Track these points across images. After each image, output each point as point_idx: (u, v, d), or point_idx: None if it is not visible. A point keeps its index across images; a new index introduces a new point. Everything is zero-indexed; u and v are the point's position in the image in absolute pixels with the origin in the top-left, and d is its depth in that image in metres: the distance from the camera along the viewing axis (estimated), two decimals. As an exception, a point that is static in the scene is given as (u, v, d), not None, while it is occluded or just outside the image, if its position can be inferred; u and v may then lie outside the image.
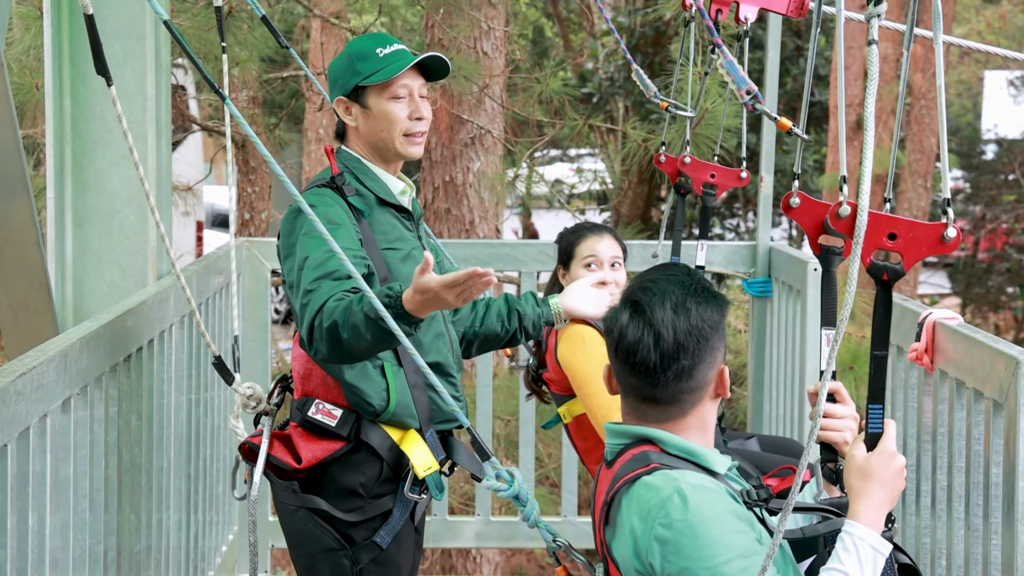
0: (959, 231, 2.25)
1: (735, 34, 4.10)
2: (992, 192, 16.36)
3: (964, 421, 3.05)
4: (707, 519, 2.27)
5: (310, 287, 3.01)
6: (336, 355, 2.96)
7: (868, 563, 2.27)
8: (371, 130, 3.31)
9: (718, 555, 2.24)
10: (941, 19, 2.28)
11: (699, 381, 2.44)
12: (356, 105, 3.31)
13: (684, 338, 2.42)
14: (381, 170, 3.35)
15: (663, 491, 2.31)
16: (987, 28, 18.23)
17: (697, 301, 2.44)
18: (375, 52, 3.28)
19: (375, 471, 3.23)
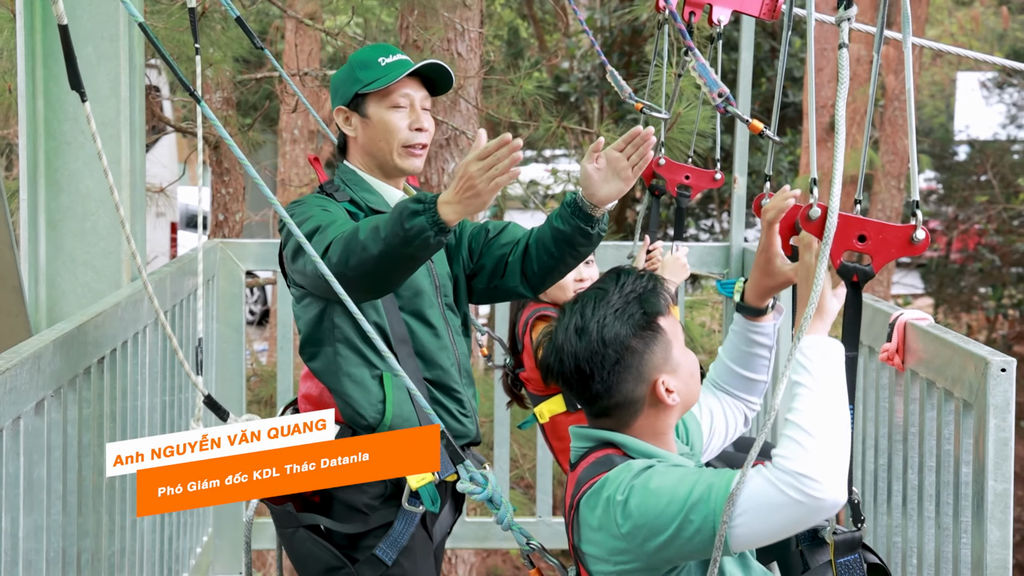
0: (928, 233, 2.27)
1: (709, 36, 4.11)
2: (964, 193, 16.45)
3: (935, 421, 3.07)
4: (655, 473, 2.31)
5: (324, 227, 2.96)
6: (354, 261, 2.81)
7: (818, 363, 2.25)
8: (369, 140, 3.23)
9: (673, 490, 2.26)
10: (910, 22, 2.30)
11: (623, 399, 2.43)
12: (355, 115, 3.24)
13: (585, 364, 2.42)
14: (380, 183, 3.27)
15: (619, 476, 2.33)
16: (959, 30, 18.33)
17: (604, 322, 2.41)
18: (377, 61, 3.23)
19: (378, 489, 3.14)
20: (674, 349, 2.45)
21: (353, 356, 3.14)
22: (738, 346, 2.71)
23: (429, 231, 2.74)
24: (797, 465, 2.15)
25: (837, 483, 2.16)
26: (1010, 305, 15.98)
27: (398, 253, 2.78)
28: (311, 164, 3.34)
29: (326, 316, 3.15)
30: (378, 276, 2.85)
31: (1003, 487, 2.68)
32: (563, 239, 3.07)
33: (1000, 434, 2.68)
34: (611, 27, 11.71)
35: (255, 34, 3.68)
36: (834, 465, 2.16)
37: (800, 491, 2.15)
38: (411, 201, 2.77)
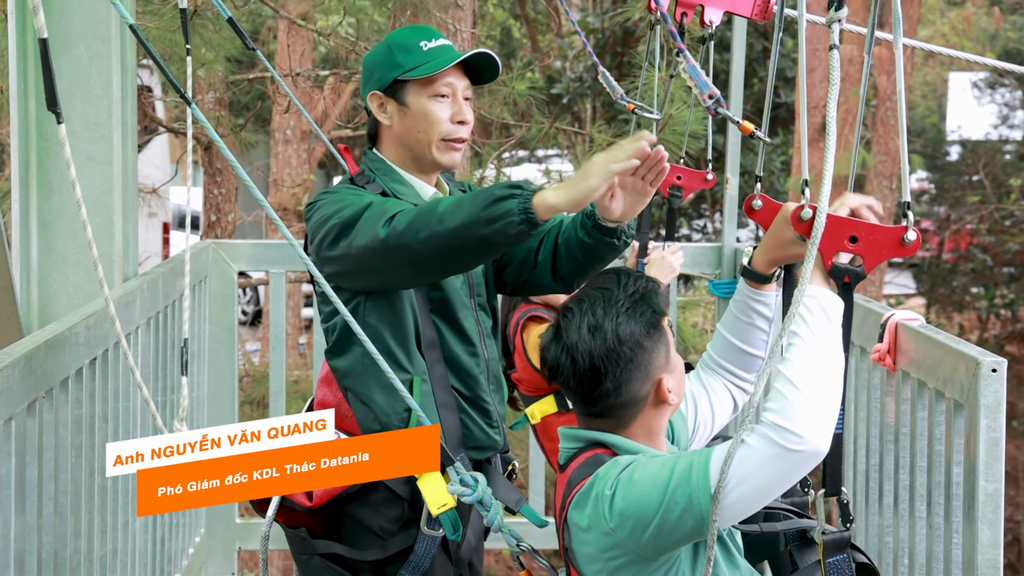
0: (919, 234, 2.28)
1: (701, 37, 4.12)
2: (957, 193, 16.46)
3: (926, 421, 3.08)
4: (638, 464, 2.32)
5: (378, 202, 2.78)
6: (425, 233, 2.64)
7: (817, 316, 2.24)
8: (407, 130, 3.02)
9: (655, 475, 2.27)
10: (901, 23, 2.30)
11: (630, 397, 2.44)
12: (392, 102, 3.02)
13: (600, 362, 2.42)
14: (412, 176, 3.07)
15: (607, 474, 2.34)
16: (951, 30, 18.35)
17: (618, 320, 2.42)
18: (418, 45, 3.01)
19: (396, 513, 3.02)
20: (671, 348, 2.49)
21: (385, 358, 2.87)
22: (737, 316, 2.70)
23: (515, 216, 2.56)
24: (779, 418, 2.16)
25: (818, 436, 2.15)
26: (1002, 305, 15.99)
27: (474, 233, 2.61)
28: (341, 154, 3.14)
29: (358, 315, 2.96)
30: (445, 255, 2.67)
31: (994, 487, 2.69)
32: (589, 249, 2.93)
33: (991, 434, 2.68)
34: (603, 28, 11.72)
35: (247, 34, 3.68)
36: (816, 418, 2.16)
37: (779, 445, 2.15)
38: (505, 184, 2.61)
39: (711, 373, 2.76)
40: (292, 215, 10.64)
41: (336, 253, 2.83)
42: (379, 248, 2.69)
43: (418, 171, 3.07)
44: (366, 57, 3.12)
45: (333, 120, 10.61)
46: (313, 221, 2.93)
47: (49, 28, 3.89)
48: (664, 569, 2.34)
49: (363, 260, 2.78)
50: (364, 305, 2.97)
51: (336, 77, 8.32)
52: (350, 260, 2.82)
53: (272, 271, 5.15)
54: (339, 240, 2.81)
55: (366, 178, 3.04)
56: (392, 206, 2.76)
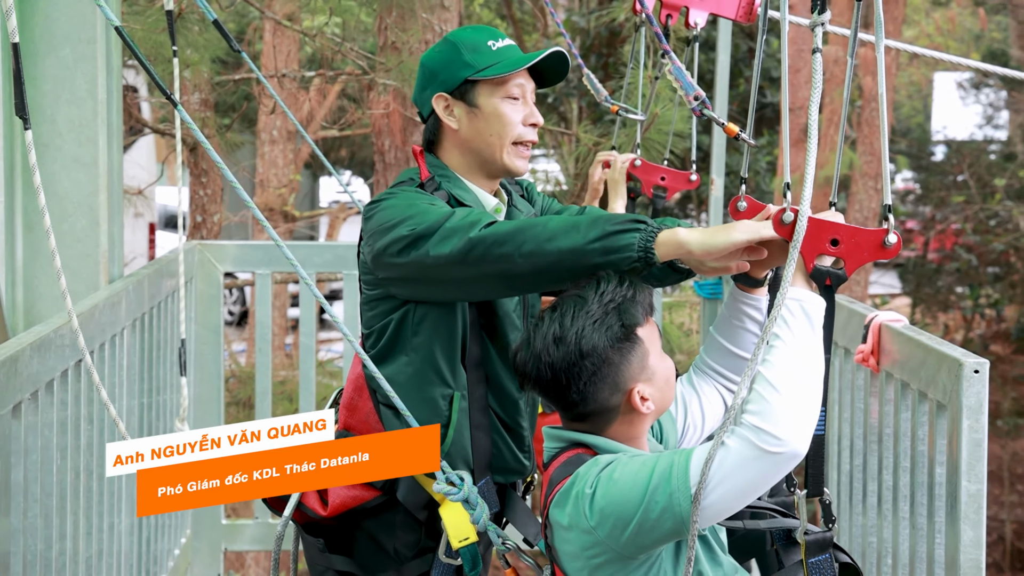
0: (900, 237, 2.29)
1: (686, 38, 4.13)
2: (942, 193, 16.51)
3: (909, 422, 3.10)
4: (618, 463, 2.32)
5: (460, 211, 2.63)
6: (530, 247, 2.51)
7: (799, 318, 2.24)
8: (477, 133, 2.89)
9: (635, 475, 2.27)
10: (883, 25, 2.32)
11: (598, 407, 2.42)
12: (461, 104, 2.89)
13: (562, 374, 2.40)
14: (474, 185, 2.94)
15: (587, 473, 2.35)
16: (936, 31, 18.40)
17: (582, 332, 2.39)
18: (486, 44, 2.89)
19: (413, 538, 2.94)
20: (651, 357, 2.45)
21: (428, 371, 2.86)
22: (729, 319, 2.70)
23: (634, 252, 2.43)
24: (758, 420, 2.16)
25: (797, 438, 2.16)
26: (987, 305, 16.04)
27: (586, 260, 2.48)
28: (415, 157, 2.97)
29: (408, 323, 2.85)
30: (546, 273, 2.54)
31: (976, 487, 2.70)
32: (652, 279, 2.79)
33: (973, 435, 2.70)
34: (590, 28, 11.72)
35: (233, 35, 3.67)
36: (795, 421, 2.16)
37: (757, 447, 2.16)
38: (631, 216, 2.48)
39: (703, 376, 2.76)
40: (278, 215, 10.64)
41: (404, 261, 2.69)
42: (469, 256, 2.57)
43: (482, 177, 2.95)
44: (425, 57, 2.98)
45: (319, 121, 10.61)
46: (376, 221, 2.78)
47: (34, 30, 3.90)
48: (645, 567, 2.35)
49: (440, 269, 2.64)
50: (414, 314, 2.85)
51: (322, 78, 8.32)
52: (423, 268, 2.68)
53: (258, 272, 5.15)
54: (412, 249, 2.67)
55: (435, 184, 2.90)
56: (484, 215, 2.62)
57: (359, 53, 7.25)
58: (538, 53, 2.89)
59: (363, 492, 2.91)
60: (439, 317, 2.87)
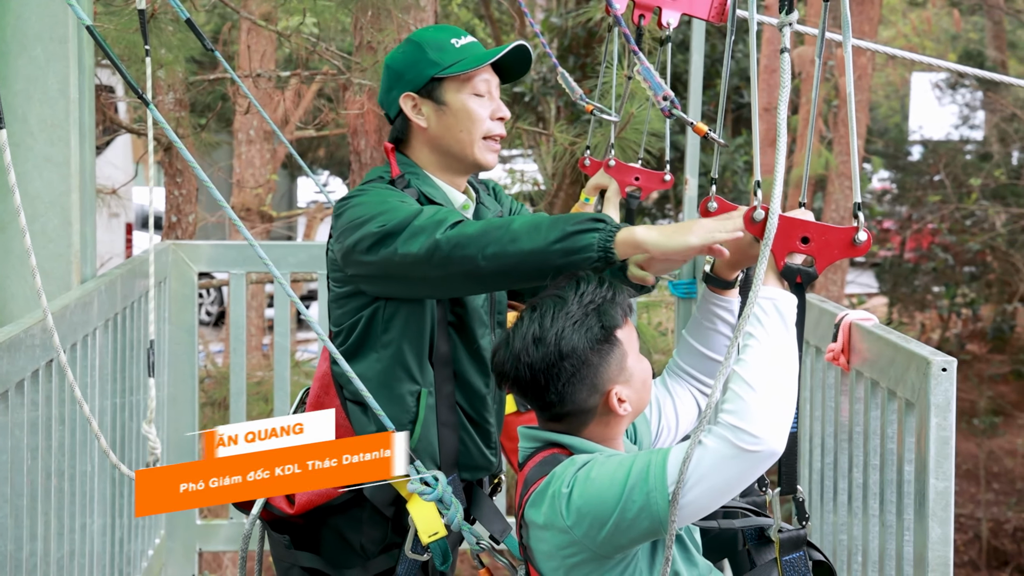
0: (870, 234, 2.30)
1: (660, 38, 4.13)
2: (918, 192, 16.58)
3: (879, 420, 3.11)
4: (595, 462, 2.33)
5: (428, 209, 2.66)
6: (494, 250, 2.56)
7: (772, 316, 2.25)
8: (446, 130, 2.94)
9: (612, 474, 2.28)
10: (849, 25, 2.33)
11: (576, 408, 2.44)
12: (429, 102, 2.94)
13: (540, 375, 2.41)
14: (442, 182, 2.99)
15: (563, 473, 2.35)
16: (913, 31, 18.48)
17: (562, 333, 2.40)
18: (450, 42, 2.94)
19: (379, 534, 2.97)
20: (629, 359, 2.46)
21: (396, 368, 2.90)
22: (700, 321, 2.71)
23: (594, 252, 2.49)
24: (735, 419, 2.17)
25: (773, 437, 2.17)
26: (963, 304, 16.13)
27: (547, 261, 2.53)
28: (387, 155, 3.00)
29: (377, 320, 2.90)
30: (509, 274, 2.59)
31: (944, 485, 2.72)
32: None
33: (941, 433, 2.71)
34: (567, 28, 11.74)
35: (208, 35, 3.67)
36: (772, 418, 2.17)
37: (736, 446, 2.17)
38: (590, 216, 2.53)
39: (676, 379, 2.77)
40: (256, 215, 10.62)
41: (373, 258, 2.74)
42: (434, 256, 2.60)
43: (452, 174, 3.00)
44: (390, 58, 3.02)
45: (295, 121, 10.60)
46: (347, 219, 2.82)
47: (5, 29, 3.89)
48: (621, 567, 2.36)
49: (408, 268, 2.69)
50: (383, 311, 2.89)
51: (298, 78, 8.30)
52: (391, 266, 2.72)
53: (233, 272, 5.14)
54: (381, 246, 2.72)
55: (405, 181, 2.93)
56: (448, 213, 2.67)
57: (335, 53, 7.24)
58: (501, 48, 2.94)
59: (330, 489, 2.92)
60: (408, 314, 2.89)
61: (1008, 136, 16.32)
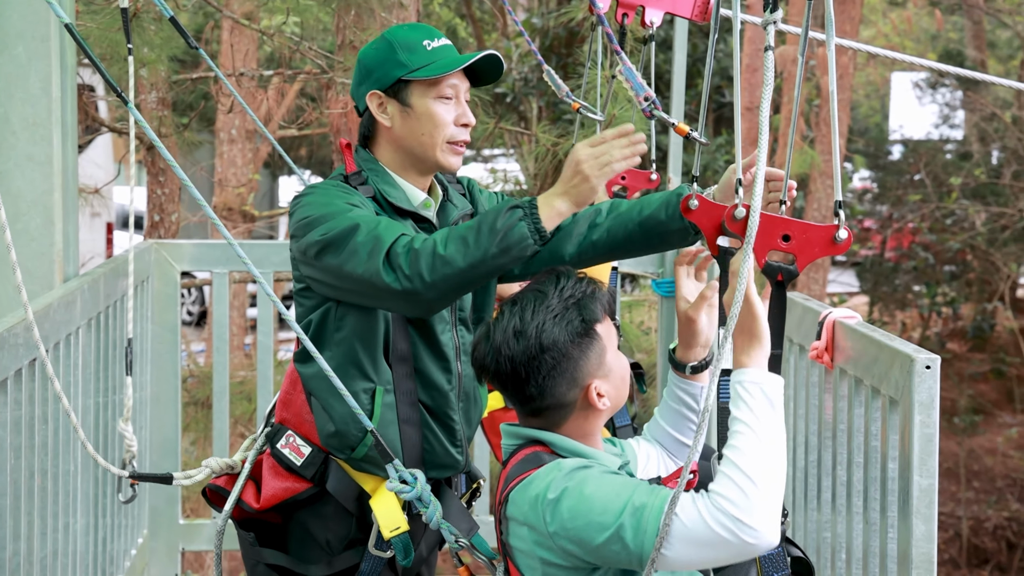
0: (850, 232, 2.31)
1: (643, 37, 4.14)
2: (899, 192, 16.62)
3: (862, 418, 3.12)
4: (589, 477, 2.33)
5: (367, 223, 2.67)
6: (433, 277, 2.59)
7: (760, 401, 2.26)
8: (409, 132, 2.92)
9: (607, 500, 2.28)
10: (833, 24, 2.34)
11: (555, 402, 2.45)
12: (394, 102, 2.92)
13: (521, 368, 2.44)
14: (404, 180, 2.97)
15: (548, 475, 2.36)
16: (893, 31, 18.53)
17: (543, 327, 2.42)
18: (421, 44, 2.91)
19: (344, 530, 2.98)
20: (608, 354, 2.49)
21: (349, 366, 2.89)
22: (668, 403, 2.78)
23: (529, 240, 2.57)
24: (737, 511, 2.18)
25: (774, 529, 2.20)
26: (944, 303, 16.18)
27: (489, 265, 2.59)
28: (342, 151, 3.00)
29: (330, 317, 2.90)
30: (457, 289, 2.64)
31: (927, 482, 2.73)
32: (660, 231, 2.91)
33: (925, 430, 2.72)
34: (548, 29, 11.74)
35: (190, 34, 3.66)
36: (772, 512, 2.20)
37: (736, 536, 2.18)
38: (506, 209, 2.58)
39: (655, 444, 2.82)
40: (238, 215, 10.59)
41: (321, 267, 2.77)
42: (376, 283, 2.63)
43: (415, 174, 2.98)
44: (362, 53, 3.01)
45: (277, 120, 10.58)
46: (296, 218, 2.84)
47: (-13, 27, 3.87)
48: (599, 573, 2.37)
49: (356, 285, 2.71)
50: (336, 310, 2.90)
51: (280, 77, 8.29)
52: (338, 278, 2.75)
53: (215, 271, 5.13)
54: (324, 255, 2.74)
55: (361, 178, 2.93)
56: (384, 232, 2.67)
57: (318, 52, 7.23)
58: (471, 55, 2.92)
59: (295, 484, 2.96)
60: (360, 312, 2.89)
61: (988, 135, 16.38)
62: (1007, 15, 16.95)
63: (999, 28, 19.31)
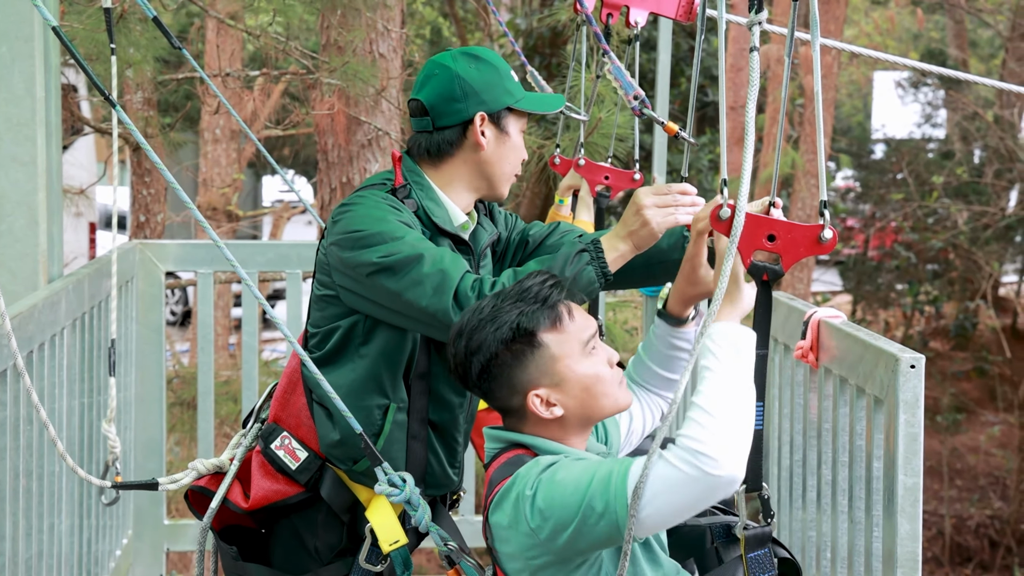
0: (835, 232, 2.32)
1: (627, 38, 4.15)
2: (881, 191, 16.67)
3: (847, 417, 3.13)
4: (561, 466, 2.35)
5: (431, 253, 2.69)
6: None
7: (725, 348, 2.27)
8: (500, 158, 2.95)
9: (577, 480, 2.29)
10: (818, 25, 2.35)
11: (501, 404, 2.48)
12: (493, 128, 2.94)
13: (459, 368, 2.47)
14: (449, 200, 2.97)
15: (527, 474, 2.36)
16: (875, 30, 18.58)
17: (477, 327, 2.43)
18: (511, 75, 2.98)
19: (334, 539, 2.96)
20: (559, 363, 2.44)
21: (369, 381, 2.89)
22: (659, 349, 2.74)
23: (596, 284, 2.65)
24: (695, 444, 2.18)
25: (733, 461, 2.19)
26: (926, 302, 16.23)
27: None
28: (394, 163, 2.97)
29: (357, 331, 2.89)
30: None
31: (912, 481, 2.74)
32: (661, 260, 2.95)
33: (909, 429, 2.73)
34: (531, 30, 11.75)
35: (175, 34, 3.66)
36: (731, 444, 2.19)
37: (697, 468, 2.18)
38: (573, 253, 2.65)
39: (639, 388, 2.79)
40: (222, 215, 10.58)
41: (371, 286, 2.76)
42: (440, 321, 2.67)
43: (469, 195, 2.99)
44: (460, 69, 2.95)
45: (263, 120, 10.57)
46: (344, 229, 2.81)
47: (-29, 28, 3.86)
48: (585, 568, 2.37)
49: (414, 314, 2.72)
50: (364, 323, 2.88)
51: (266, 77, 8.28)
52: (392, 302, 2.75)
53: (200, 271, 5.12)
54: (379, 277, 2.73)
55: (406, 191, 2.92)
56: (450, 267, 2.69)
57: (303, 52, 7.23)
58: (559, 98, 3.03)
59: (286, 487, 2.93)
60: (391, 331, 2.88)
61: (970, 134, 16.43)
62: (988, 14, 17.00)
63: (980, 27, 19.37)
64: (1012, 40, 16.24)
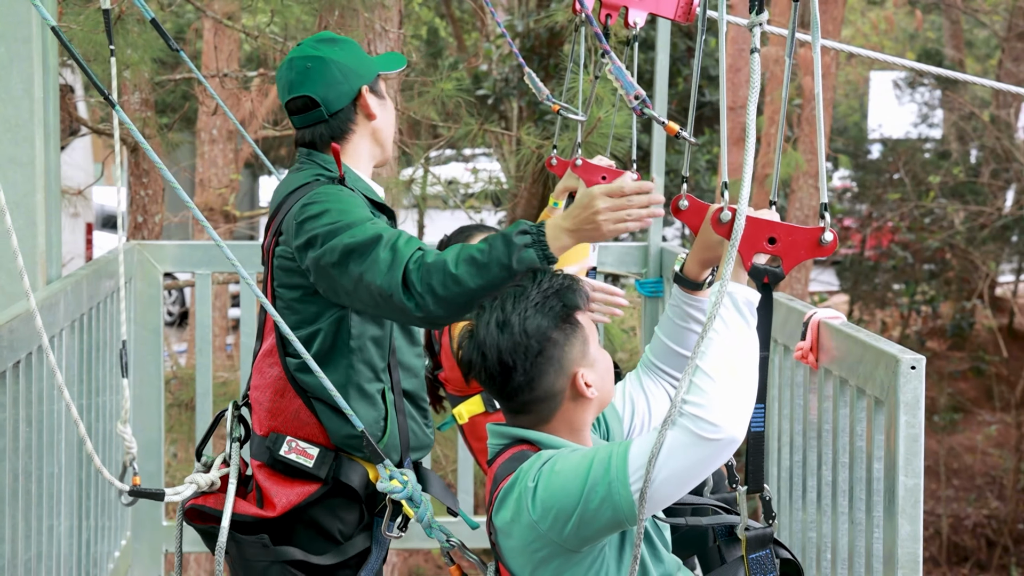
0: (836, 235, 2.32)
1: (625, 38, 4.14)
2: (878, 191, 16.68)
3: (847, 418, 3.13)
4: (560, 457, 2.36)
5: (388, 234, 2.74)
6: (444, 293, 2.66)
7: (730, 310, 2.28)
8: (387, 122, 3.10)
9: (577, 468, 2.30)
10: (819, 26, 2.34)
11: (544, 392, 2.46)
12: (373, 96, 3.08)
13: (508, 357, 2.45)
14: (367, 178, 3.10)
15: (530, 468, 2.37)
16: (873, 30, 18.59)
17: (526, 315, 2.44)
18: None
19: (354, 516, 3.04)
20: (591, 345, 2.50)
21: (366, 369, 2.97)
22: (673, 320, 2.72)
23: (538, 264, 2.65)
24: (694, 408, 2.20)
25: (732, 424, 2.20)
26: (923, 301, 16.25)
27: (498, 286, 2.64)
28: (334, 156, 3.02)
29: (343, 327, 2.96)
30: (466, 308, 2.69)
31: (913, 482, 2.74)
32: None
33: (910, 430, 2.73)
34: (528, 31, 11.75)
35: (172, 35, 3.65)
36: (731, 407, 2.20)
37: (697, 434, 2.19)
38: (516, 233, 2.66)
39: (649, 374, 2.78)
40: (219, 215, 10.56)
41: (341, 273, 2.79)
42: (394, 302, 2.70)
43: (370, 166, 3.11)
44: (329, 54, 3.05)
45: (260, 120, 10.56)
46: (311, 226, 2.87)
47: (-31, 29, 3.85)
48: (588, 561, 2.37)
49: (370, 295, 2.75)
50: (350, 317, 2.95)
51: (263, 77, 8.27)
52: (356, 285, 2.78)
53: (198, 272, 5.11)
54: (347, 264, 2.78)
55: (347, 181, 3.00)
56: (404, 246, 2.73)
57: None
58: (396, 55, 3.14)
59: (305, 487, 2.99)
60: (374, 317, 2.96)
61: (966, 134, 16.44)
62: (985, 14, 17.01)
63: (977, 27, 19.39)
64: (1008, 40, 16.26)
